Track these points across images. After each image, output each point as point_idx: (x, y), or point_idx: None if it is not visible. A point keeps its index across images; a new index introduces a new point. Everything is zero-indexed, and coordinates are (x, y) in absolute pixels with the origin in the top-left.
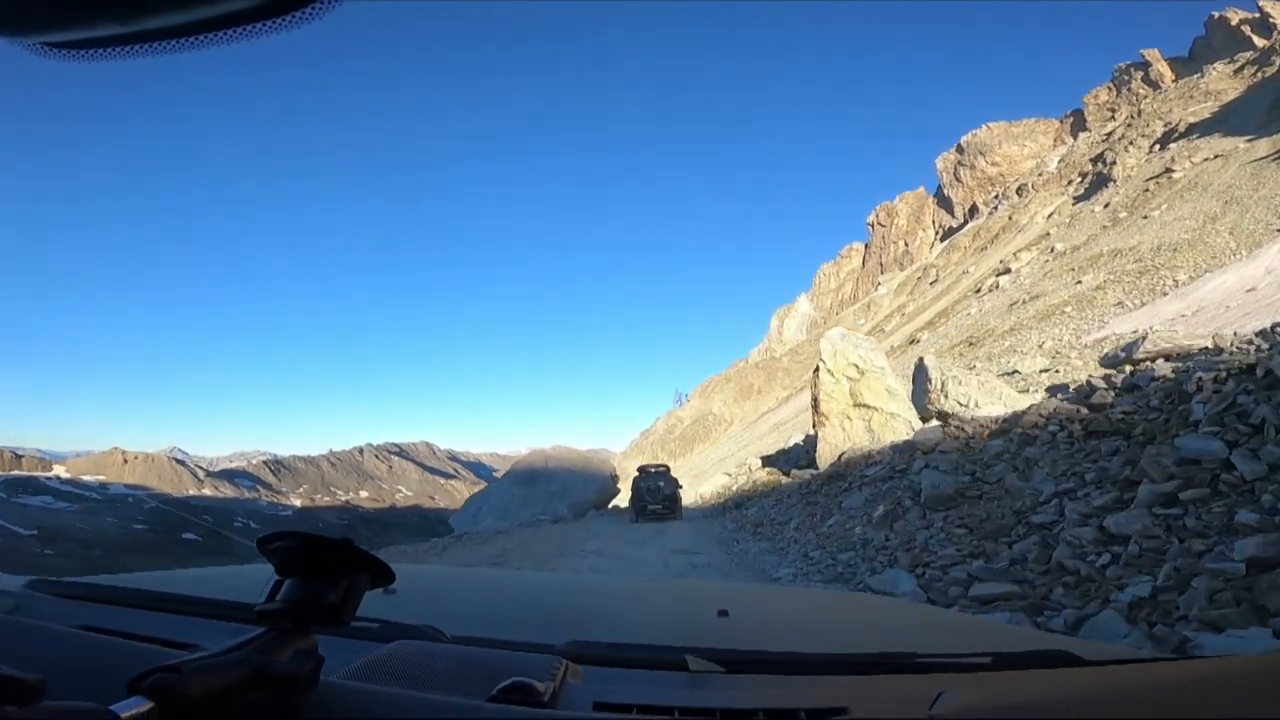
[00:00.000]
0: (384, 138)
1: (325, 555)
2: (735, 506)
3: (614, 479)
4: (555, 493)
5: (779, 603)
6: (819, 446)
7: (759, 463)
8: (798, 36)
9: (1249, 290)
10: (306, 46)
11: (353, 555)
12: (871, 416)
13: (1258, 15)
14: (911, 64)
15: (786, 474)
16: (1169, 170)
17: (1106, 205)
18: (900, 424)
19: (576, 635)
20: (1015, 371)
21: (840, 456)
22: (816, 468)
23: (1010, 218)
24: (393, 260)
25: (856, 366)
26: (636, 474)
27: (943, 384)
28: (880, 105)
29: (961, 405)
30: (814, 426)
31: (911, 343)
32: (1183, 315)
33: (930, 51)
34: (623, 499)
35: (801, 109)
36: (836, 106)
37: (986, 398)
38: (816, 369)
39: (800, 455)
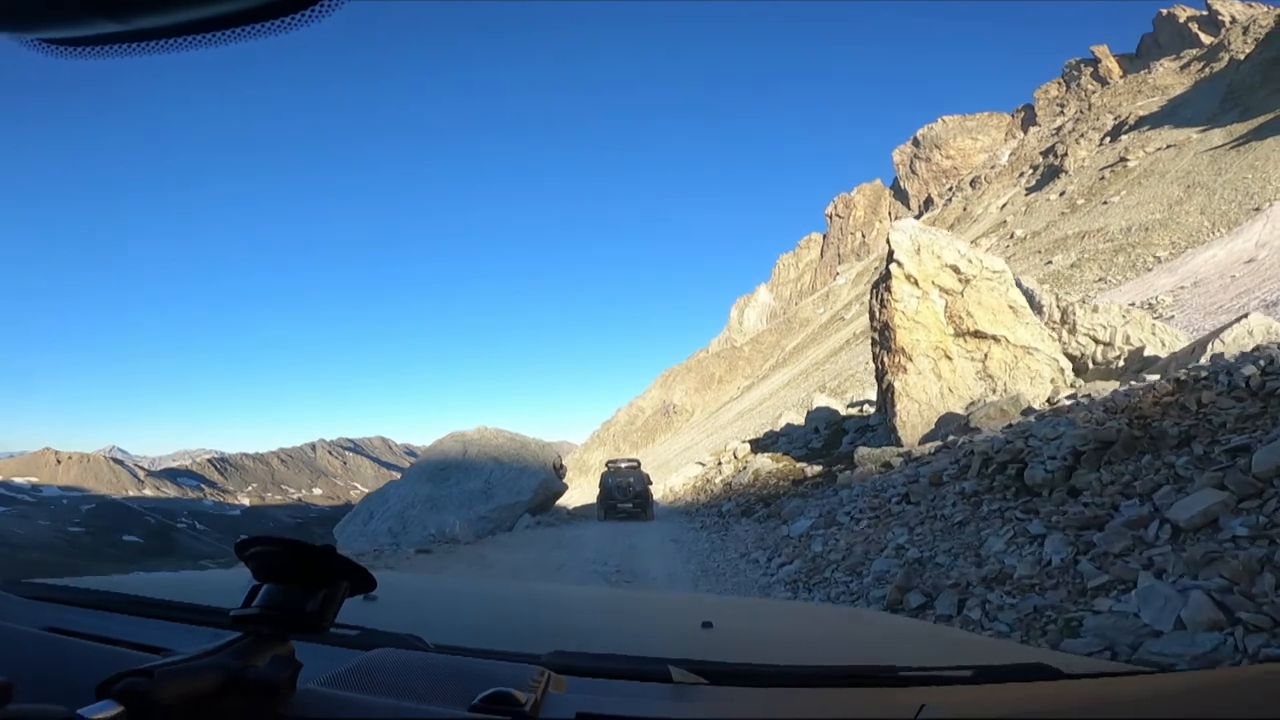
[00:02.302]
0: (349, 135)
1: (305, 561)
2: (743, 513)
3: (559, 471)
4: (475, 492)
5: (763, 615)
6: (898, 407)
7: (746, 448)
8: (757, 33)
9: (1248, 261)
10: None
11: (333, 562)
12: (989, 352)
13: (1205, 12)
14: (869, 59)
15: (808, 461)
16: (1123, 159)
17: (1062, 193)
18: (1041, 363)
19: (559, 645)
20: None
21: (946, 424)
22: (898, 443)
23: (965, 209)
24: (347, 252)
25: (956, 271)
26: (605, 469)
27: (1063, 313)
28: (839, 99)
29: (1101, 343)
30: (881, 375)
31: None
32: (1181, 287)
33: (888, 47)
34: (570, 498)
35: (761, 103)
36: (796, 100)
37: (1137, 332)
38: (881, 281)
39: (806, 436)
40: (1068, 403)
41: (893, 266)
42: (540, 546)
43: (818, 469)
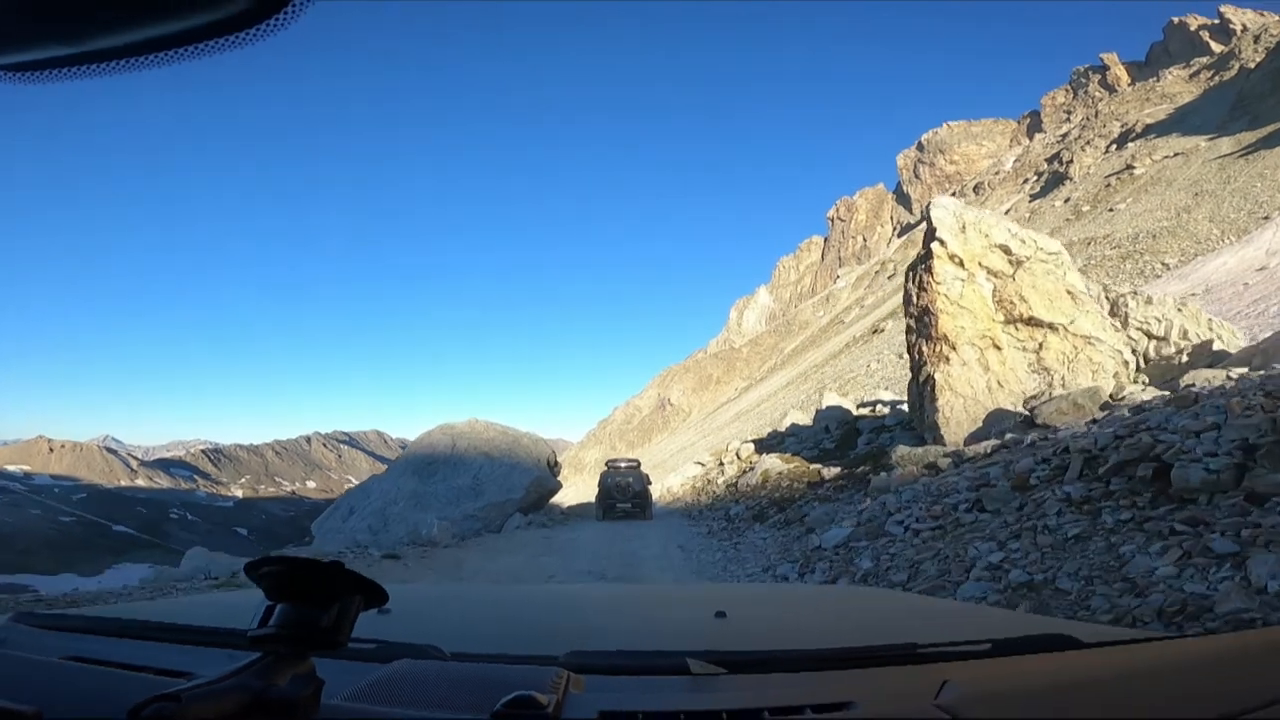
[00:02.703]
0: (345, 128)
1: (316, 578)
2: (754, 517)
3: (553, 468)
4: (463, 489)
5: (775, 601)
6: (940, 401)
7: (749, 447)
8: (762, 34)
9: (1259, 269)
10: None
11: (344, 577)
12: (1044, 342)
13: (1217, 21)
14: (875, 62)
15: (822, 462)
16: (1129, 167)
17: (1067, 200)
18: (1105, 355)
19: (575, 645)
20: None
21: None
22: (938, 441)
23: None
24: (347, 245)
25: (1006, 251)
26: (605, 469)
27: (1113, 304)
28: (843, 102)
29: (1155, 337)
30: (918, 366)
31: (875, 332)
32: (1192, 294)
33: (894, 50)
34: (566, 496)
35: (763, 104)
36: (798, 102)
37: (1193, 326)
38: (920, 262)
39: (816, 436)
40: (1147, 396)
41: (934, 245)
42: (529, 551)
43: (836, 470)
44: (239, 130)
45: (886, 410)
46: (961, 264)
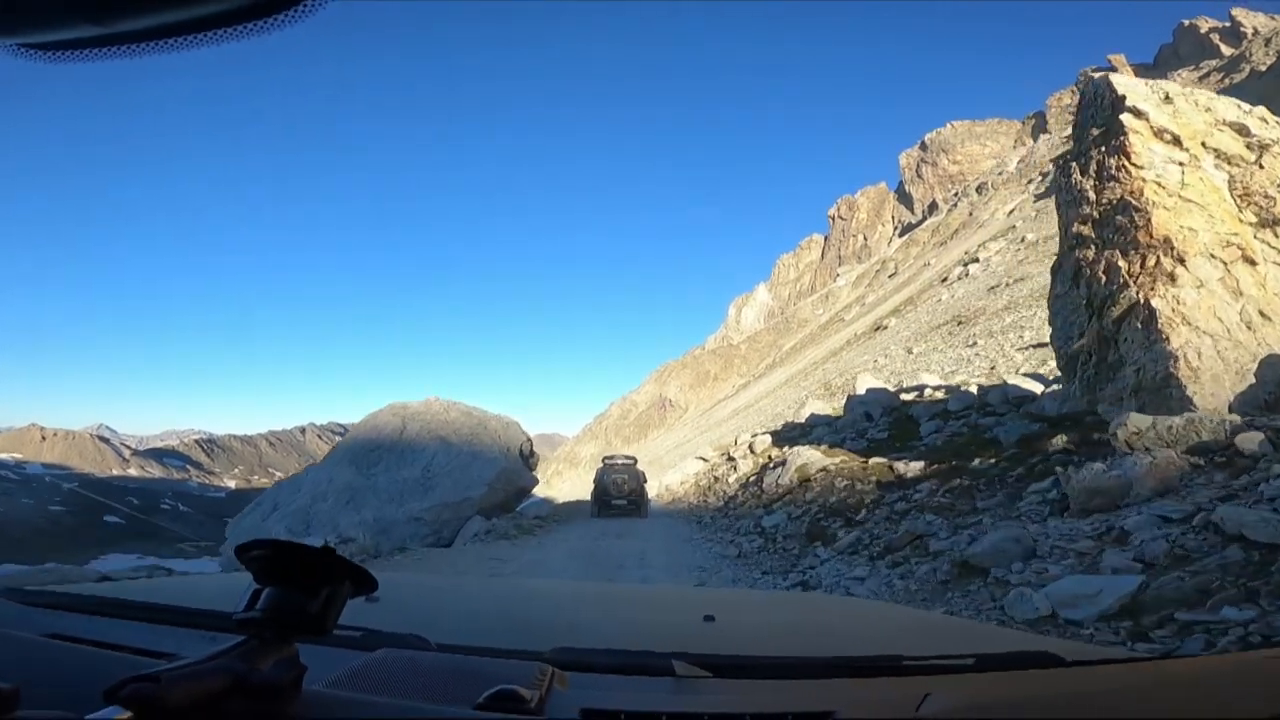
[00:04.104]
0: (339, 118)
1: (305, 563)
2: (808, 534)
3: (527, 459)
4: (410, 483)
5: (764, 607)
6: (1172, 343)
7: (765, 440)
8: (765, 29)
9: None
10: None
11: (334, 563)
12: None
13: (1228, 24)
14: (879, 60)
15: (885, 455)
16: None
17: None
18: None
19: (562, 642)
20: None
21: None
22: (1181, 404)
23: (970, 214)
24: (351, 237)
25: (1240, 132)
26: (600, 465)
27: None
28: (846, 100)
29: None
30: (1105, 295)
31: (877, 329)
32: None
33: (898, 48)
34: (558, 491)
35: (767, 101)
36: (803, 100)
37: None
38: (1099, 144)
39: (857, 425)
40: None
41: (1125, 118)
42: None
43: (919, 466)
44: (236, 121)
45: (940, 394)
46: (1178, 143)
